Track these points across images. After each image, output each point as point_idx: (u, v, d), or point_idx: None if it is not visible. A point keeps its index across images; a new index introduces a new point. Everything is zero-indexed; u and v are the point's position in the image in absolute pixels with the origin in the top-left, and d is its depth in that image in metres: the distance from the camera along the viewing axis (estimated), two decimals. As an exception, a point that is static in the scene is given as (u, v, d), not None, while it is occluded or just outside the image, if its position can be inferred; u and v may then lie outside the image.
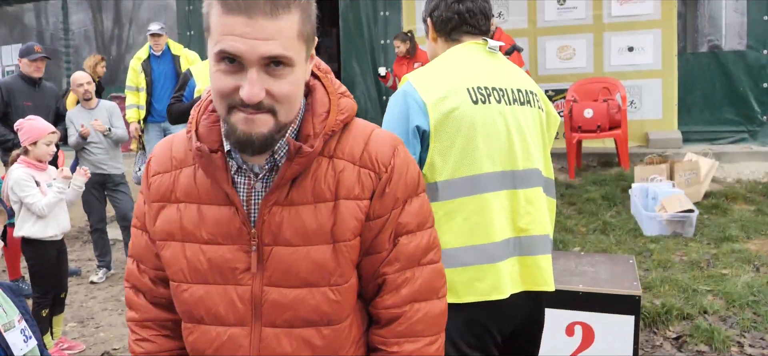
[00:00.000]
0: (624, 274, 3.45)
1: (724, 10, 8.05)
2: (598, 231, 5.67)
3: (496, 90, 1.97)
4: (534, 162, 1.99)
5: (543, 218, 2.00)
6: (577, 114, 7.28)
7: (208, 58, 1.23)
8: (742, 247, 5.05)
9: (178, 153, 1.39)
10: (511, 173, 1.95)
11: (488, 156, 1.91)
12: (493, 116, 1.93)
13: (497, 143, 1.93)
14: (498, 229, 1.91)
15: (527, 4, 8.39)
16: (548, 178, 2.09)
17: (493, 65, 2.03)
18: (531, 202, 1.98)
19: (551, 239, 2.06)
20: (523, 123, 1.99)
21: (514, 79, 2.04)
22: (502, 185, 1.93)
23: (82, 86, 5.56)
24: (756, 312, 3.95)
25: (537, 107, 2.04)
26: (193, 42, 9.95)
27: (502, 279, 1.91)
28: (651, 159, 6.60)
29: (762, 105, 7.76)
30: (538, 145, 2.04)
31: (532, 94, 2.05)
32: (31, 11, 11.35)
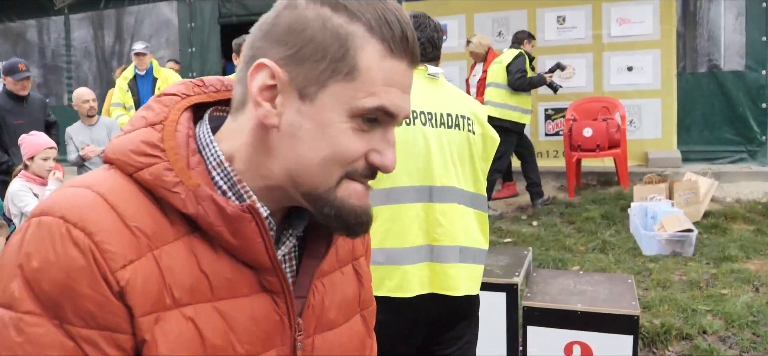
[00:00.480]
0: (623, 294, 3.44)
1: (723, 30, 8.08)
2: (597, 250, 5.66)
3: (424, 114, 2.19)
4: (452, 180, 2.19)
5: (455, 231, 2.19)
6: (576, 133, 7.29)
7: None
8: (742, 267, 5.03)
9: (144, 222, 0.82)
10: (428, 188, 2.17)
11: (406, 171, 2.13)
12: (416, 137, 2.15)
13: (415, 160, 2.15)
14: (410, 236, 2.15)
15: (527, 24, 8.43)
16: (477, 194, 2.28)
17: (429, 90, 2.24)
18: (445, 215, 2.18)
19: (470, 248, 2.24)
20: (446, 144, 2.19)
21: (447, 104, 2.24)
22: (418, 198, 2.16)
23: (87, 103, 5.58)
24: (755, 332, 3.93)
25: (466, 130, 2.24)
26: (194, 58, 10.01)
27: (409, 280, 2.13)
28: (650, 178, 6.59)
29: (761, 125, 7.77)
30: (461, 165, 2.23)
31: (464, 118, 2.25)
32: (34, 27, 11.42)
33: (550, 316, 3.30)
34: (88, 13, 10.82)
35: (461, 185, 2.23)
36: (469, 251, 2.23)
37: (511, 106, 6.82)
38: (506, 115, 6.76)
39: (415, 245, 2.15)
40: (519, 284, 3.40)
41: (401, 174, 2.13)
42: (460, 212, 2.22)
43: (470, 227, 2.25)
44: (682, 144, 8.00)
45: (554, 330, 3.30)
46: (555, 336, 3.29)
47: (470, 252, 2.23)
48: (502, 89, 6.85)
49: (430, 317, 2.23)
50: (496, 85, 6.89)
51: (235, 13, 9.74)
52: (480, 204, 2.30)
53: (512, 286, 3.37)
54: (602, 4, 8.16)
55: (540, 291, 3.53)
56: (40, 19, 11.27)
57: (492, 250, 4.08)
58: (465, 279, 2.21)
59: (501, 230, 6.40)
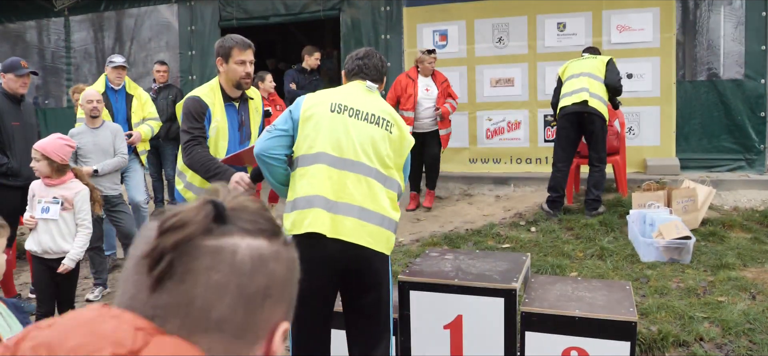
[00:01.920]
0: (620, 300, 3.45)
1: (722, 39, 8.10)
2: (595, 257, 5.67)
3: (351, 109, 3.01)
4: (362, 158, 2.93)
5: (358, 195, 2.89)
6: None
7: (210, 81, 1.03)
8: (739, 275, 5.04)
9: None
10: (342, 159, 2.92)
11: (329, 143, 2.93)
12: (342, 121, 2.97)
13: (336, 137, 2.94)
14: (324, 189, 2.88)
15: (527, 30, 8.46)
16: (387, 176, 3.00)
17: (362, 96, 3.09)
18: (351, 181, 2.90)
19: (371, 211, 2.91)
20: (365, 133, 2.97)
21: (374, 107, 3.05)
22: (334, 164, 2.91)
23: (91, 103, 5.50)
24: (752, 340, 3.94)
25: (384, 128, 3.02)
26: (194, 62, 10.02)
27: (317, 220, 2.85)
28: (649, 186, 6.61)
29: (759, 134, 7.80)
30: (375, 150, 2.97)
31: (384, 120, 3.04)
32: (34, 29, 11.41)
33: (548, 322, 3.31)
34: (88, 14, 10.82)
35: (373, 164, 2.95)
36: (370, 213, 2.90)
37: (606, 102, 6.77)
38: (605, 111, 6.70)
39: (326, 196, 2.88)
40: (517, 289, 3.41)
41: (325, 145, 2.93)
42: (366, 182, 2.92)
43: (377, 197, 2.93)
44: (681, 152, 8.02)
45: (552, 336, 3.31)
46: (553, 341, 3.31)
47: (370, 214, 2.90)
48: (600, 82, 6.74)
49: (341, 264, 2.92)
50: (593, 77, 6.75)
51: (236, 17, 9.75)
52: (391, 185, 3.01)
53: (510, 291, 3.38)
54: (602, 11, 8.19)
55: (538, 297, 3.54)
56: (40, 21, 11.26)
57: (490, 255, 4.09)
58: (362, 233, 2.88)
59: (499, 236, 6.41)
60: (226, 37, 3.97)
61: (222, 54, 3.86)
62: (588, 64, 6.84)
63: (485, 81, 8.66)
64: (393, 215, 3.00)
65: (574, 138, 6.85)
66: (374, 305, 3.03)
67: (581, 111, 6.64)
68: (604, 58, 6.87)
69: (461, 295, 3.48)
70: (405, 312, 3.58)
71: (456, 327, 3.50)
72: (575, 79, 6.79)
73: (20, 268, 6.56)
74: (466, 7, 8.65)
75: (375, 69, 3.21)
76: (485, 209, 7.59)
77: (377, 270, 3.00)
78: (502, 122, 8.63)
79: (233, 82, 3.85)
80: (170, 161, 8.25)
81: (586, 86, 6.67)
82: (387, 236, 2.98)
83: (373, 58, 3.23)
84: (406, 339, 3.60)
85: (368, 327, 3.06)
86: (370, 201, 2.91)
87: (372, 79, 3.18)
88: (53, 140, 4.31)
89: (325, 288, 2.99)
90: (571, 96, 6.72)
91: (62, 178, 4.29)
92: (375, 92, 3.15)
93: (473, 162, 8.79)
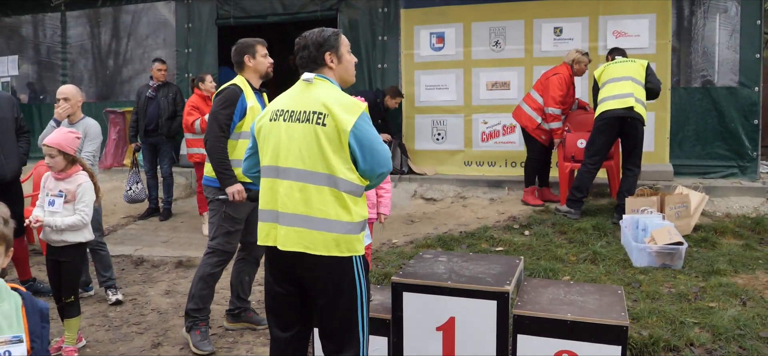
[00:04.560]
0: (612, 304, 3.47)
1: (717, 46, 8.15)
2: (587, 261, 5.70)
3: (286, 112, 2.95)
4: (295, 163, 2.87)
5: (291, 202, 2.86)
6: (570, 144, 7.34)
7: None
8: (730, 281, 5.08)
9: None
10: (275, 167, 2.93)
11: (269, 155, 2.96)
12: (277, 129, 2.95)
13: (273, 147, 2.95)
14: (266, 202, 2.96)
15: (524, 34, 8.49)
16: (330, 174, 2.83)
17: (300, 94, 2.99)
18: (284, 188, 2.89)
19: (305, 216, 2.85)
20: (297, 135, 2.88)
21: (308, 103, 2.91)
22: (271, 174, 2.94)
23: (58, 100, 5.35)
24: (742, 345, 3.97)
25: (315, 123, 2.85)
26: (190, 59, 10.01)
27: (263, 233, 2.97)
28: (642, 191, 6.64)
29: (752, 141, 7.85)
30: (310, 150, 2.85)
31: (316, 113, 2.86)
32: (30, 23, 11.39)
33: (540, 325, 3.33)
34: (85, 10, 10.80)
35: (306, 166, 2.85)
36: (306, 218, 2.84)
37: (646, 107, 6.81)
38: (645, 116, 6.74)
39: (268, 208, 2.95)
40: (510, 292, 3.42)
41: (266, 157, 2.98)
42: (299, 187, 2.86)
43: (311, 200, 2.84)
44: (675, 158, 8.06)
45: (544, 339, 3.33)
46: (544, 344, 3.32)
47: (306, 219, 2.84)
48: (642, 87, 6.76)
49: (292, 271, 2.94)
50: (637, 82, 6.76)
51: (233, 15, 9.76)
52: (334, 183, 2.84)
53: (503, 294, 3.39)
54: (599, 17, 8.23)
55: (530, 300, 3.55)
56: (36, 15, 11.24)
57: (484, 258, 4.11)
58: (297, 239, 2.85)
59: (493, 239, 6.43)
60: (241, 40, 4.49)
61: (248, 52, 4.45)
62: (630, 68, 6.82)
63: (481, 84, 8.68)
64: (339, 215, 2.84)
65: (611, 142, 6.88)
66: (327, 310, 2.92)
67: (626, 116, 6.66)
68: (644, 63, 6.87)
69: (454, 297, 3.49)
70: (398, 313, 3.59)
71: (448, 329, 3.51)
72: (619, 83, 6.78)
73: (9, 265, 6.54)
74: (463, 9, 8.67)
75: (306, 52, 3.01)
76: (479, 212, 7.62)
77: (323, 276, 2.88)
78: (497, 126, 8.66)
79: (261, 73, 4.49)
80: (167, 158, 8.25)
81: (631, 92, 6.67)
82: (333, 239, 2.83)
83: (301, 41, 3.04)
84: (398, 340, 3.61)
85: (328, 332, 2.96)
86: (303, 206, 2.84)
87: (313, 65, 3.00)
88: (64, 133, 4.35)
89: (285, 294, 3.00)
90: (615, 100, 6.73)
91: (69, 171, 4.34)
92: (314, 82, 2.96)
93: (468, 165, 8.81)
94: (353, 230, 2.87)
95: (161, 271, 6.38)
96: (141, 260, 6.69)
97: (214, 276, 4.48)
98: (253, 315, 4.83)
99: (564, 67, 7.49)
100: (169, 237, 7.51)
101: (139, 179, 7.75)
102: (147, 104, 8.12)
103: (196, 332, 4.44)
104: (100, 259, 5.53)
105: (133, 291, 5.80)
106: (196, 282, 4.48)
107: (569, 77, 7.47)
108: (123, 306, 5.43)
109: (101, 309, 5.37)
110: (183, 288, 5.81)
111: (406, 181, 8.60)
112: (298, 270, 2.91)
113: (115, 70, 10.88)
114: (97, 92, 10.91)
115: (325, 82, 2.98)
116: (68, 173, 4.33)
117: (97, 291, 5.74)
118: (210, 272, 4.45)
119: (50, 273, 4.45)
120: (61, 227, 4.28)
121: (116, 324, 5.05)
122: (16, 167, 5.39)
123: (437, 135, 8.92)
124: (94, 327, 4.99)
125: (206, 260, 4.48)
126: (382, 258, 6.01)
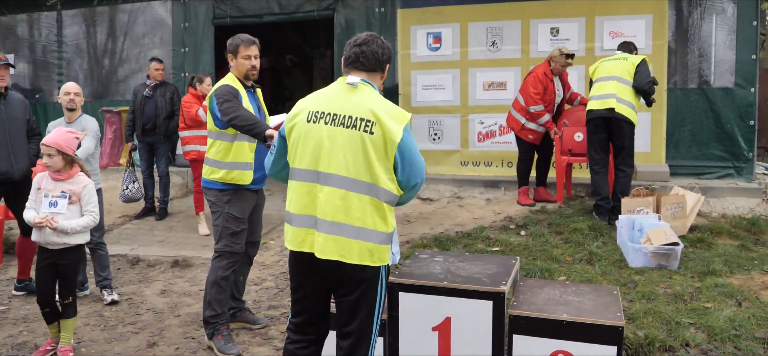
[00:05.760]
0: (608, 305, 3.48)
1: (714, 47, 8.16)
2: (583, 261, 5.70)
3: (328, 115, 2.87)
4: (338, 169, 2.82)
5: (330, 209, 2.83)
6: (567, 138, 7.37)
7: None
8: (726, 281, 5.08)
9: None
10: (315, 172, 2.87)
11: (305, 158, 2.90)
12: (318, 131, 2.87)
13: (311, 150, 2.88)
14: (299, 206, 2.92)
15: (521, 34, 8.49)
16: (371, 183, 2.82)
17: (342, 97, 2.91)
18: (325, 194, 2.85)
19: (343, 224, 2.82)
20: (341, 140, 2.83)
21: (353, 108, 2.85)
22: (307, 179, 2.90)
23: (68, 95, 5.42)
24: (737, 346, 3.98)
25: (362, 130, 2.81)
26: (187, 59, 10.00)
27: (294, 237, 2.94)
28: (638, 192, 6.64)
29: (748, 142, 7.86)
30: (355, 157, 2.81)
31: (363, 120, 2.82)
32: (25, 22, 11.35)
33: (536, 325, 3.33)
34: (81, 9, 10.77)
35: (349, 174, 2.81)
36: (342, 226, 2.82)
37: (635, 107, 6.74)
38: (632, 115, 6.69)
39: (299, 213, 2.92)
40: (506, 292, 3.43)
41: (302, 160, 2.92)
42: (341, 195, 2.82)
43: (351, 208, 2.81)
44: (671, 158, 8.08)
45: (540, 339, 3.33)
46: (540, 344, 3.32)
47: (342, 227, 2.82)
48: (628, 86, 6.71)
49: (324, 273, 2.93)
50: (621, 81, 6.72)
51: (230, 15, 9.74)
52: (375, 192, 2.83)
53: (499, 294, 3.39)
54: (595, 17, 8.23)
55: (526, 300, 3.56)
56: (32, 14, 11.20)
57: (480, 258, 4.11)
58: (334, 247, 2.83)
59: (489, 239, 6.43)
60: (234, 37, 4.47)
61: (231, 51, 4.44)
62: (618, 66, 6.80)
63: (478, 84, 8.68)
64: (377, 225, 2.85)
65: (604, 139, 6.86)
66: (349, 313, 2.97)
67: (609, 116, 6.67)
68: (636, 60, 6.81)
69: (450, 297, 3.49)
70: (393, 313, 3.59)
71: (444, 329, 3.51)
72: (603, 83, 6.80)
73: (7, 263, 6.53)
74: (460, 9, 8.67)
75: (373, 56, 2.95)
76: (475, 212, 7.62)
77: (353, 282, 2.92)
78: (493, 126, 8.66)
79: (242, 74, 4.43)
80: (164, 158, 8.24)
81: (614, 92, 6.67)
82: (367, 248, 2.84)
83: (371, 44, 2.96)
84: (394, 340, 3.61)
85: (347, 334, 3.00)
86: (342, 214, 2.82)
87: (369, 69, 2.95)
88: (63, 133, 4.32)
89: (307, 290, 3.06)
90: (598, 100, 6.76)
91: (70, 172, 4.31)
92: (359, 87, 2.90)
93: (464, 165, 8.81)
94: (386, 240, 2.90)
95: (157, 271, 6.37)
96: (137, 259, 6.67)
97: (226, 279, 4.41)
98: (248, 315, 4.82)
99: (541, 66, 7.56)
100: (164, 237, 7.49)
101: (136, 178, 7.74)
102: (144, 104, 8.11)
103: (218, 337, 4.37)
104: (99, 259, 5.53)
105: (129, 290, 5.79)
106: (209, 288, 4.40)
107: (543, 75, 7.48)
108: (118, 305, 5.42)
109: (97, 308, 5.36)
110: (179, 288, 5.80)
111: (403, 181, 8.58)
112: (329, 276, 2.94)
113: (111, 70, 10.86)
114: (93, 91, 10.87)
115: (369, 88, 2.94)
116: (70, 173, 4.31)
117: (93, 290, 5.73)
118: (222, 275, 4.38)
119: (43, 277, 4.34)
120: (76, 229, 4.26)
121: (111, 323, 5.04)
122: (25, 167, 5.43)
123: (434, 135, 8.92)
124: (89, 327, 4.97)
125: (216, 264, 4.40)
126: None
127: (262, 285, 5.76)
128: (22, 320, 5.16)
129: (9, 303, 5.56)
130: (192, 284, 5.87)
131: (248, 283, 5.33)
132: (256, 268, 6.07)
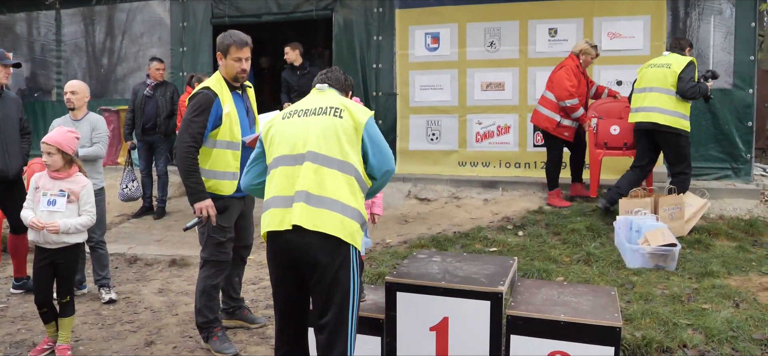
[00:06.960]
0: (605, 305, 3.48)
1: (712, 48, 8.16)
2: (581, 262, 5.71)
3: (301, 110, 3.21)
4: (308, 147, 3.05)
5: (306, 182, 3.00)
6: (603, 131, 7.30)
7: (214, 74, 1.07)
8: (723, 283, 5.09)
9: None
10: (293, 156, 3.08)
11: (284, 146, 3.11)
12: (292, 123, 3.16)
13: (288, 138, 3.12)
14: (279, 189, 3.07)
15: (519, 35, 8.50)
16: (344, 161, 3.05)
17: (313, 98, 3.30)
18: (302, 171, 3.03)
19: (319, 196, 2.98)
20: (313, 124, 3.10)
21: (323, 102, 3.21)
22: (288, 163, 3.08)
23: (66, 94, 5.42)
24: (735, 347, 3.98)
25: (332, 115, 3.11)
26: (185, 58, 9.99)
27: (271, 219, 3.05)
28: (636, 192, 6.65)
29: (746, 143, 7.87)
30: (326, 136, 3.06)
31: (333, 107, 3.14)
32: (24, 21, 11.35)
33: (534, 325, 3.33)
34: (79, 8, 10.76)
35: (321, 150, 3.03)
36: (318, 198, 2.98)
37: (681, 113, 6.55)
38: (677, 123, 6.52)
39: (281, 194, 3.05)
40: (504, 293, 3.43)
41: (281, 149, 3.12)
42: (314, 168, 3.02)
43: (324, 181, 3.00)
44: (669, 160, 8.08)
45: (537, 340, 3.33)
46: (538, 345, 3.33)
47: (319, 199, 2.98)
48: (670, 95, 6.53)
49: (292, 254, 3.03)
50: (662, 91, 6.56)
51: (228, 14, 9.74)
52: (347, 169, 3.05)
53: (497, 294, 3.40)
54: (594, 18, 8.24)
55: (524, 301, 3.56)
56: (31, 13, 11.20)
57: (478, 258, 4.11)
58: (309, 216, 2.95)
59: (487, 239, 6.43)
60: (226, 33, 4.26)
61: (221, 50, 4.24)
62: (657, 76, 6.60)
63: (476, 84, 8.69)
64: (348, 201, 3.02)
65: (649, 146, 6.78)
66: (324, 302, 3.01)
67: (652, 129, 6.61)
68: (679, 67, 6.52)
69: (448, 297, 3.49)
70: (391, 313, 3.59)
71: (442, 329, 3.51)
72: (644, 95, 6.69)
73: (5, 261, 6.52)
74: (458, 10, 8.67)
75: (337, 80, 3.41)
76: (473, 213, 7.62)
77: (324, 263, 2.97)
78: (491, 126, 8.67)
79: (230, 76, 4.25)
80: (163, 157, 8.24)
81: (656, 105, 6.56)
82: (340, 220, 2.97)
83: (335, 71, 3.46)
84: (392, 340, 3.61)
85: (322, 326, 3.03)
86: (316, 186, 2.99)
87: (335, 88, 3.38)
88: (63, 132, 4.33)
89: (284, 279, 3.13)
90: (639, 113, 6.71)
91: (69, 171, 4.31)
92: (327, 91, 3.33)
93: (462, 165, 8.81)
94: (357, 217, 3.04)
95: (155, 269, 6.37)
96: (134, 258, 6.67)
97: (215, 287, 4.36)
98: (247, 314, 4.82)
99: (570, 59, 7.45)
100: (162, 236, 7.49)
101: (135, 177, 7.74)
102: (144, 103, 8.11)
103: (213, 339, 4.34)
104: (99, 258, 5.53)
105: (127, 289, 5.79)
106: (198, 296, 4.34)
107: (576, 67, 7.40)
108: (116, 304, 5.42)
109: (94, 307, 5.36)
110: (176, 287, 5.80)
111: (400, 181, 8.60)
112: (302, 258, 3.01)
113: (110, 69, 10.85)
114: (92, 90, 10.77)
115: (336, 92, 3.37)
116: (69, 172, 4.31)
117: (91, 289, 5.72)
118: (210, 284, 4.32)
119: (41, 276, 4.32)
120: (74, 228, 4.25)
121: (109, 322, 5.04)
122: (19, 166, 5.46)
123: (432, 135, 8.92)
124: (87, 325, 4.97)
125: (203, 273, 4.34)
126: (376, 258, 6.01)
127: (259, 284, 5.75)
128: (20, 318, 5.16)
129: (7, 301, 5.56)
130: (189, 283, 5.87)
131: (245, 282, 5.33)
132: (254, 267, 6.07)
